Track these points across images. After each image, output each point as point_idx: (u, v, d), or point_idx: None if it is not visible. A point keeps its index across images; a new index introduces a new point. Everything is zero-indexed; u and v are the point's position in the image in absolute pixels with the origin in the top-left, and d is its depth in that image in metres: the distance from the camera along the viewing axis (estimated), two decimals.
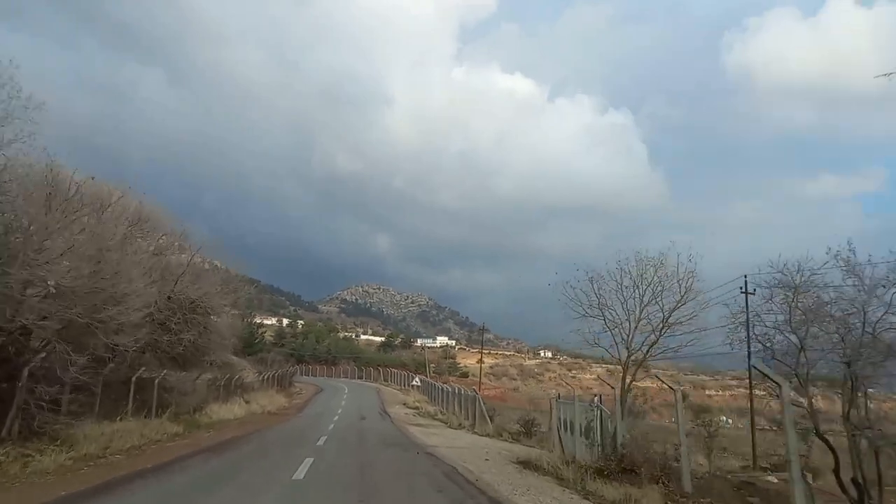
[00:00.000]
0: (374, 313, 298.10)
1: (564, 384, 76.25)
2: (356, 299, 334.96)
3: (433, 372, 77.78)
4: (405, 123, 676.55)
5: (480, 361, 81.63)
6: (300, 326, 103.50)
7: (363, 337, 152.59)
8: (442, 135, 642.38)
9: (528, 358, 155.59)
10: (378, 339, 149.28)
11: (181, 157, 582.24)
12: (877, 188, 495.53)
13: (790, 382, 11.55)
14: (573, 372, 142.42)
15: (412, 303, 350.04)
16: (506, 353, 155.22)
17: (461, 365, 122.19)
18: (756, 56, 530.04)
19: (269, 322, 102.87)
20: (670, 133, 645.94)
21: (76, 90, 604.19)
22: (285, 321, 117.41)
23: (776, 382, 10.48)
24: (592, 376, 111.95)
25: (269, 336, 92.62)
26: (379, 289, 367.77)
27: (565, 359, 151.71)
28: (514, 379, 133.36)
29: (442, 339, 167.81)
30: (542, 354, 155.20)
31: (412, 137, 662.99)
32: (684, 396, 32.59)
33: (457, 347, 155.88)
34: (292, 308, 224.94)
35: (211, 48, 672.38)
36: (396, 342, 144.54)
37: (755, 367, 14.95)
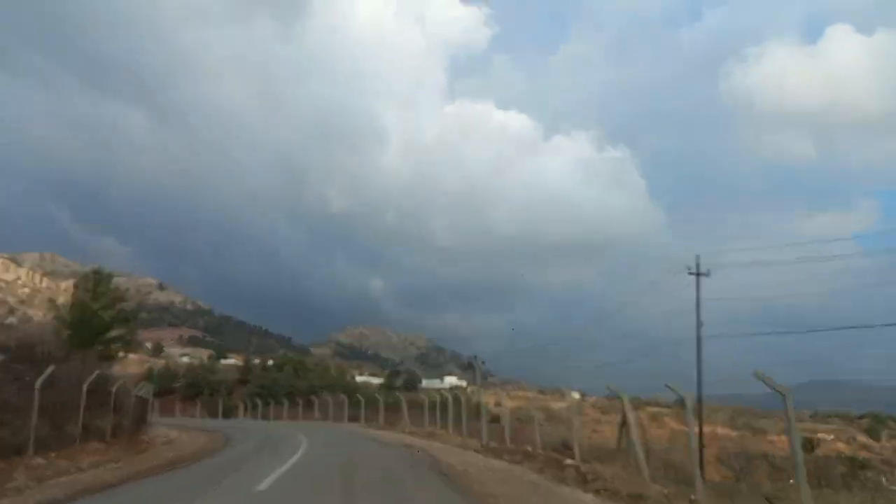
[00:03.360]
0: (370, 356, 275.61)
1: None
2: (351, 342, 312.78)
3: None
4: (398, 160, 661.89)
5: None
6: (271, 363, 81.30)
7: (359, 378, 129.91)
8: (436, 171, 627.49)
9: (554, 400, 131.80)
10: (377, 380, 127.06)
11: (166, 197, 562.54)
12: (870, 225, 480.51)
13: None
14: (608, 416, 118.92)
15: (411, 344, 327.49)
16: (527, 393, 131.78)
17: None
18: (755, 85, 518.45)
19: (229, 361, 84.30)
20: (669, 166, 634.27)
21: (58, 131, 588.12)
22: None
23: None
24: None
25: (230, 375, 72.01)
26: (375, 331, 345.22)
27: (598, 400, 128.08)
28: (542, 425, 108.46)
29: (450, 380, 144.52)
30: (570, 396, 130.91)
31: (405, 174, 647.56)
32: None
33: (469, 389, 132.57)
34: (282, 352, 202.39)
35: (195, 85, 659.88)
36: (398, 383, 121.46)
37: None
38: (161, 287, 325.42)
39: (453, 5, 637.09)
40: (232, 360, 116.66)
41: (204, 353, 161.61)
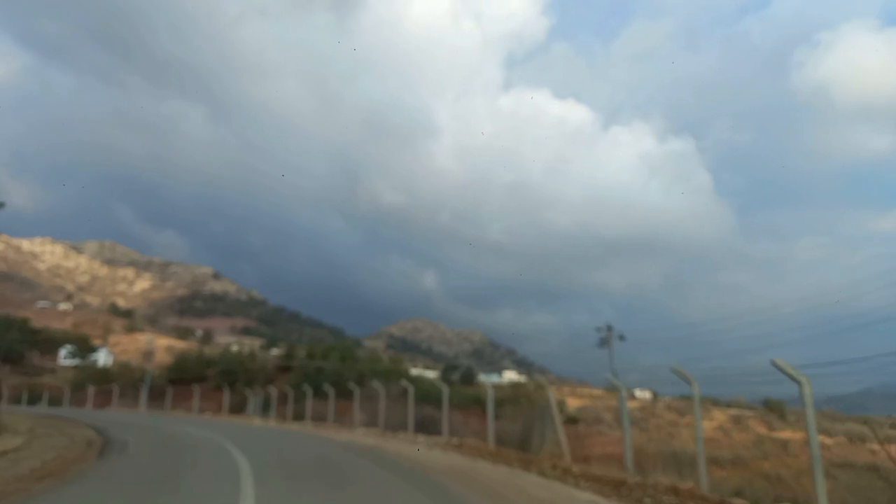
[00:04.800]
0: (423, 350, 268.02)
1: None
2: (404, 335, 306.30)
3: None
4: (451, 155, 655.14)
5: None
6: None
7: (413, 371, 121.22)
8: (489, 166, 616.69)
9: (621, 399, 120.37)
10: (431, 373, 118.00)
11: (224, 192, 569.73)
12: None
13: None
14: (686, 418, 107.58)
15: (465, 339, 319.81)
16: (593, 392, 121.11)
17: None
18: (829, 73, 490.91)
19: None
20: (737, 160, 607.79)
21: (121, 127, 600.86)
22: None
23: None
24: (713, 423, 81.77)
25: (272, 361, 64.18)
26: (429, 324, 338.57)
27: (672, 401, 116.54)
28: (612, 426, 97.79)
29: (509, 375, 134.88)
30: (640, 395, 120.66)
31: (458, 169, 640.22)
32: None
33: (531, 386, 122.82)
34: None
35: (253, 83, 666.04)
36: (454, 377, 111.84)
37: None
38: (216, 276, 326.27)
39: None
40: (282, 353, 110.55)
41: (256, 343, 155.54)
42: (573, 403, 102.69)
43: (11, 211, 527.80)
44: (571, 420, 73.90)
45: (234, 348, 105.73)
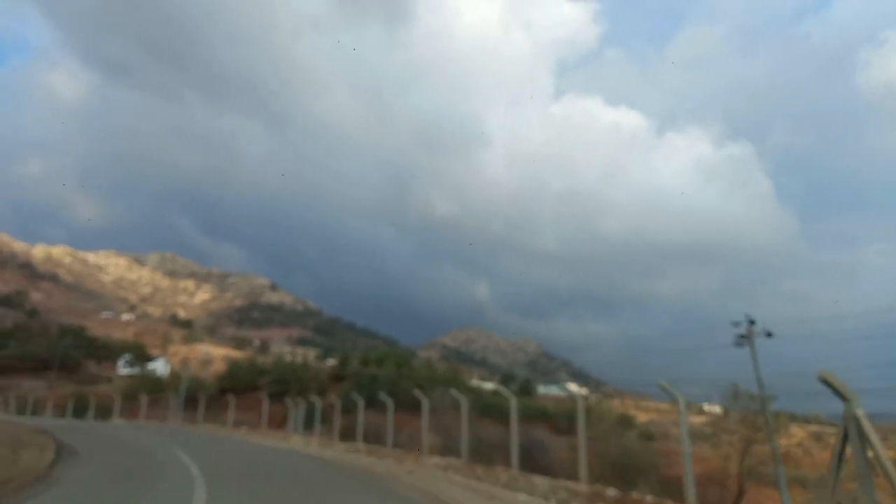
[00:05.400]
0: (477, 360, 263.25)
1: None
2: (458, 346, 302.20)
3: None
4: (502, 164, 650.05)
5: None
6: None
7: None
8: (541, 174, 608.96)
9: (692, 414, 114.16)
10: (487, 384, 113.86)
11: (280, 204, 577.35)
12: None
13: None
14: (762, 433, 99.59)
15: (519, 350, 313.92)
16: (659, 406, 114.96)
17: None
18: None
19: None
20: (799, 164, 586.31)
21: (181, 142, 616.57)
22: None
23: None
24: (792, 441, 75.31)
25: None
26: (482, 335, 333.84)
27: (745, 416, 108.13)
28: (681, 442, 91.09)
29: (572, 387, 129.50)
30: (709, 409, 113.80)
31: (510, 178, 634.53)
32: None
33: (593, 398, 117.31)
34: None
35: (307, 96, 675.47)
36: (512, 389, 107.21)
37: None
38: (273, 287, 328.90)
39: (560, 5, 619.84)
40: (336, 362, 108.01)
41: (311, 354, 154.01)
42: (640, 418, 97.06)
43: (78, 225, 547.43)
44: (647, 436, 68.72)
45: (288, 357, 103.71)
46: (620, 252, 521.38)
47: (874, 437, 8.13)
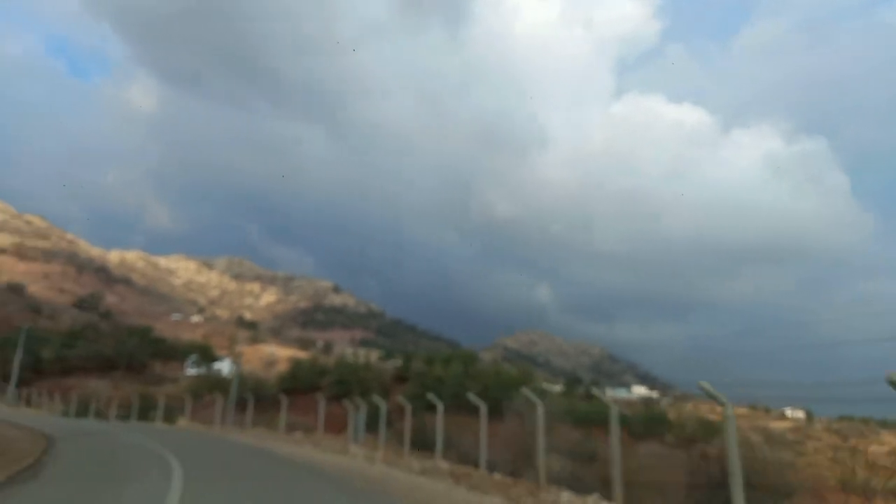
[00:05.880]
0: (540, 363, 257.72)
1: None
2: (519, 347, 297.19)
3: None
4: (563, 164, 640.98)
5: None
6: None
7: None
8: (603, 174, 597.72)
9: (769, 419, 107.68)
10: (553, 387, 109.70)
11: (344, 209, 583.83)
12: None
13: None
14: (851, 441, 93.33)
15: (583, 353, 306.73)
16: (738, 411, 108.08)
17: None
18: None
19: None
20: (879, 159, 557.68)
21: (248, 149, 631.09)
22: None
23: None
24: (884, 448, 68.94)
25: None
26: (545, 337, 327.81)
27: (830, 422, 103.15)
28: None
29: (639, 390, 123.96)
30: (791, 414, 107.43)
31: (571, 179, 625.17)
32: None
33: (661, 402, 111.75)
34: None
35: (369, 102, 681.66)
36: (578, 391, 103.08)
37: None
38: (336, 290, 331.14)
39: (620, 2, 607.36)
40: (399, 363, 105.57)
41: (374, 355, 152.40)
42: (715, 420, 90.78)
43: (151, 230, 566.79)
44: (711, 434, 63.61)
45: (350, 358, 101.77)
46: (686, 252, 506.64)
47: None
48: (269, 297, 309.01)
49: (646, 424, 58.59)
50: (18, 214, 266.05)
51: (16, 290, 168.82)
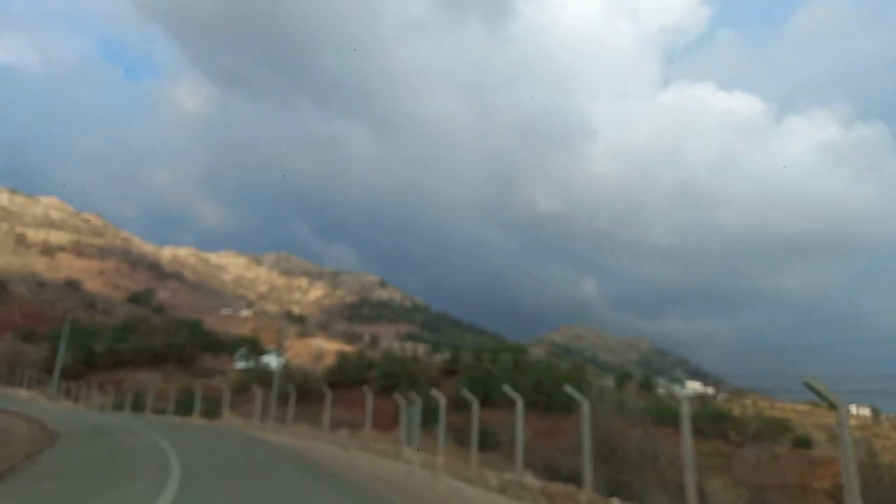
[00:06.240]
0: (586, 358, 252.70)
1: None
2: (566, 342, 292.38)
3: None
4: (608, 157, 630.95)
5: None
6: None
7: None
8: (649, 167, 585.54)
9: (822, 415, 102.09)
10: (607, 383, 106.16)
11: (388, 205, 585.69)
12: None
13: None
14: None
15: (631, 347, 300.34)
16: (797, 408, 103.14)
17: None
18: None
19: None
20: None
21: (295, 147, 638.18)
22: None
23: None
24: None
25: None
26: (591, 331, 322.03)
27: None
28: (828, 447, 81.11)
29: (693, 386, 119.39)
30: (857, 412, 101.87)
31: (616, 172, 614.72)
32: None
33: (717, 398, 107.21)
34: None
35: (412, 99, 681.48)
36: (631, 387, 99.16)
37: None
38: (382, 284, 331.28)
39: None
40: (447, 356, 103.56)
41: (420, 349, 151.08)
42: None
43: (201, 228, 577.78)
44: (803, 443, 59.31)
45: (397, 351, 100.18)
46: (738, 245, 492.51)
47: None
48: (316, 291, 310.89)
49: (710, 422, 55.25)
50: (76, 213, 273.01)
51: (73, 285, 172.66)
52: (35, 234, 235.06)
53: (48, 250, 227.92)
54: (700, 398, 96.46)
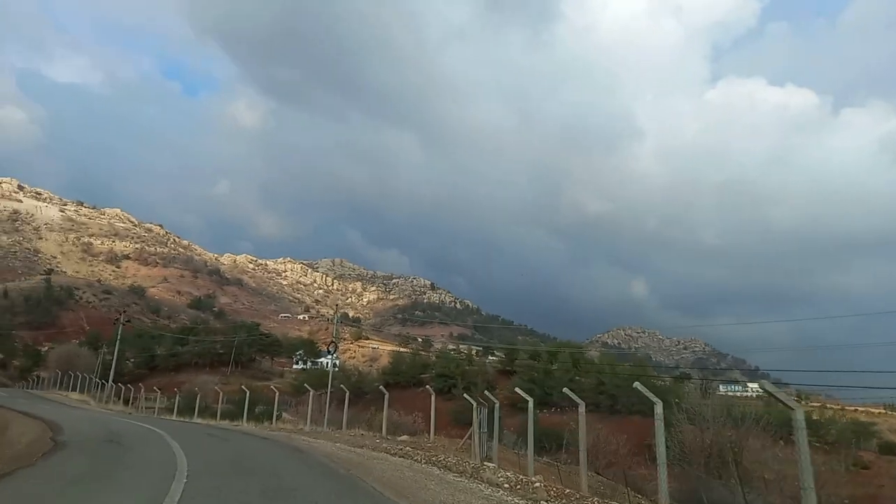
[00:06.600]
0: (628, 361, 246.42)
1: None
2: (618, 343, 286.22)
3: None
4: (655, 158, 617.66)
5: None
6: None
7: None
8: (698, 166, 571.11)
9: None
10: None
11: (437, 211, 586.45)
12: None
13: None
14: None
15: (684, 348, 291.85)
16: (873, 409, 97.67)
17: None
18: None
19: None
20: None
21: (347, 156, 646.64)
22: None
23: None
24: None
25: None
26: (644, 333, 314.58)
27: None
28: None
29: (755, 386, 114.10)
30: None
31: (664, 172, 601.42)
32: None
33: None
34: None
35: (458, 105, 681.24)
36: (690, 389, 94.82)
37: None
38: (433, 287, 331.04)
39: None
40: (496, 358, 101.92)
41: (473, 350, 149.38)
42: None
43: (258, 237, 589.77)
44: (891, 449, 55.09)
45: (452, 352, 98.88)
46: (792, 243, 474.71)
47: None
48: (369, 295, 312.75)
49: (781, 426, 51.94)
50: (140, 223, 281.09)
51: (137, 292, 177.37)
52: (101, 244, 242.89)
53: (114, 259, 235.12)
54: (765, 401, 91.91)
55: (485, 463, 15.03)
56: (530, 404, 16.16)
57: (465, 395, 22.94)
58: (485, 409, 18.01)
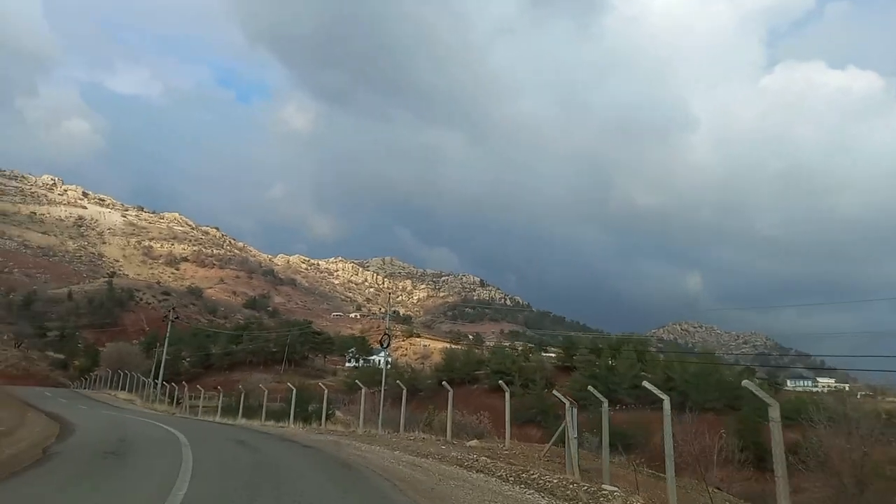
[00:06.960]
0: (697, 355, 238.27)
1: None
2: (674, 338, 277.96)
3: None
4: (709, 147, 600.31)
5: None
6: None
7: None
8: (755, 154, 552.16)
9: None
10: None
11: (485, 208, 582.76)
12: None
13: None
14: None
15: (744, 343, 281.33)
16: None
17: None
18: None
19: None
20: None
21: (395, 156, 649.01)
22: None
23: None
24: None
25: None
26: (701, 327, 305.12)
27: None
28: None
29: (826, 381, 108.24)
30: None
31: (718, 162, 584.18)
32: None
33: (860, 395, 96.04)
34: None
35: (505, 101, 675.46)
36: (757, 384, 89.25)
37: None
38: (483, 284, 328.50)
39: None
40: (552, 355, 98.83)
41: (525, 346, 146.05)
42: None
43: (311, 238, 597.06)
44: None
45: (507, 349, 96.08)
46: (859, 231, 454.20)
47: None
48: (420, 293, 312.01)
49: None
50: (197, 226, 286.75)
51: (195, 293, 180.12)
52: (161, 247, 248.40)
53: (172, 261, 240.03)
54: (836, 396, 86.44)
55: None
56: (604, 406, 13.79)
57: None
58: (574, 409, 14.87)
